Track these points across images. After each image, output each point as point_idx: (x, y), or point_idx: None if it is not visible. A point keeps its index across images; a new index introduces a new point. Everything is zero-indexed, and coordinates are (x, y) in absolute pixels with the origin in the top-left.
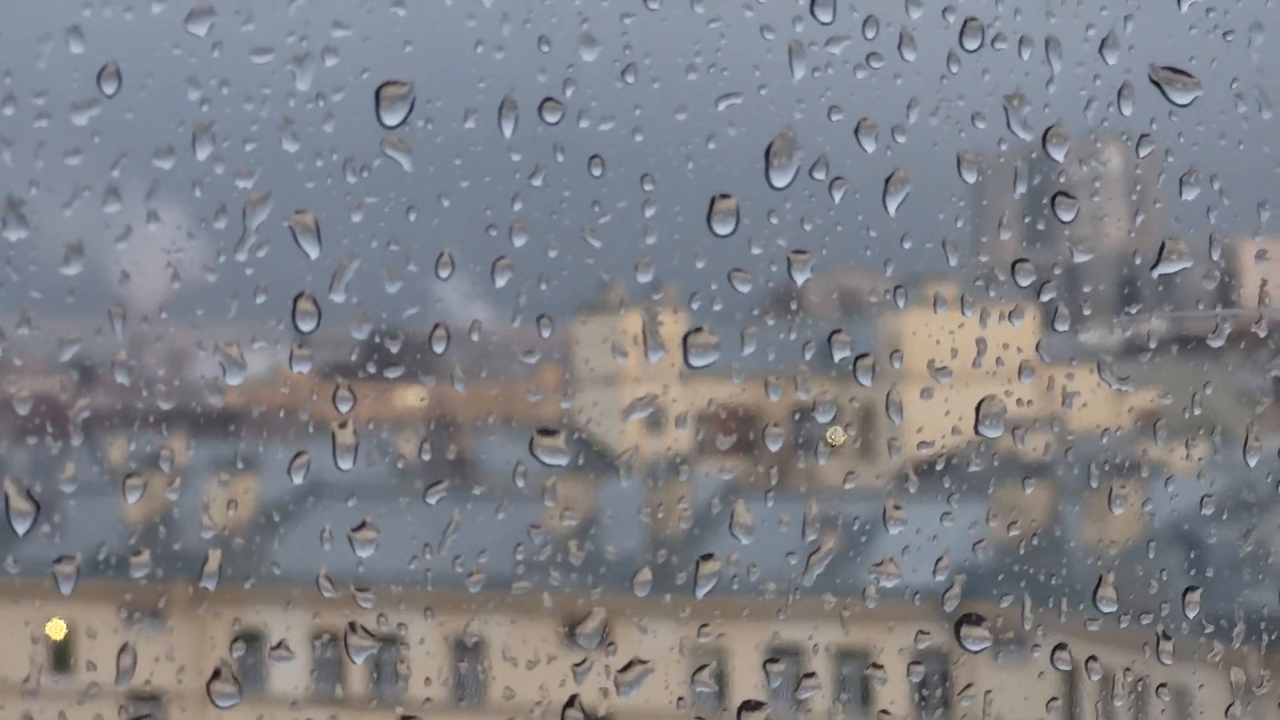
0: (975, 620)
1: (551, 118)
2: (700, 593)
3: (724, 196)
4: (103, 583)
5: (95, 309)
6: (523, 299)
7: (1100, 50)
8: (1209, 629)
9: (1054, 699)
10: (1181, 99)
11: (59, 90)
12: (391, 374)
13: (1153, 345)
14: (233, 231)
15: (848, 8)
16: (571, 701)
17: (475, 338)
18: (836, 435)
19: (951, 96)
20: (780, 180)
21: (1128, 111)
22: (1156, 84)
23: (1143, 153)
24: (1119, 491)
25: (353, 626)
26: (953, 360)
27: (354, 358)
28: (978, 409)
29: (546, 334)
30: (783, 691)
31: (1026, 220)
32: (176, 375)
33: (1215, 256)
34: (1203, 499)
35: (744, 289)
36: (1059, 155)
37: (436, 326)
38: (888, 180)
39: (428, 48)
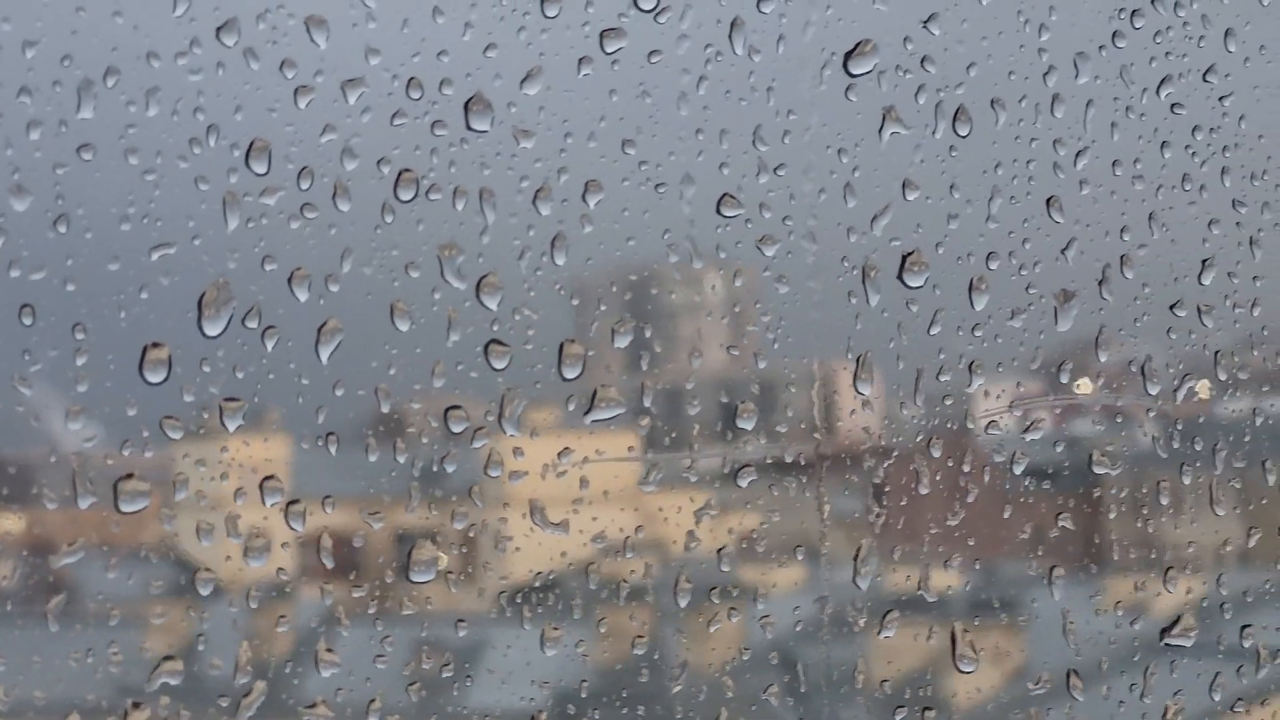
0: None
1: None
2: None
3: (156, 345)
4: None
5: None
6: None
7: (534, 201)
8: None
9: None
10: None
11: None
12: None
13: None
14: None
15: (283, 159)
16: None
17: None
18: (440, 560)
19: (386, 246)
20: (213, 329)
21: (561, 261)
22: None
23: (575, 302)
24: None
25: None
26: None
27: None
28: (410, 554)
29: None
30: None
31: (459, 367)
32: None
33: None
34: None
35: (175, 435)
36: (492, 304)
37: None
38: (320, 329)
39: None
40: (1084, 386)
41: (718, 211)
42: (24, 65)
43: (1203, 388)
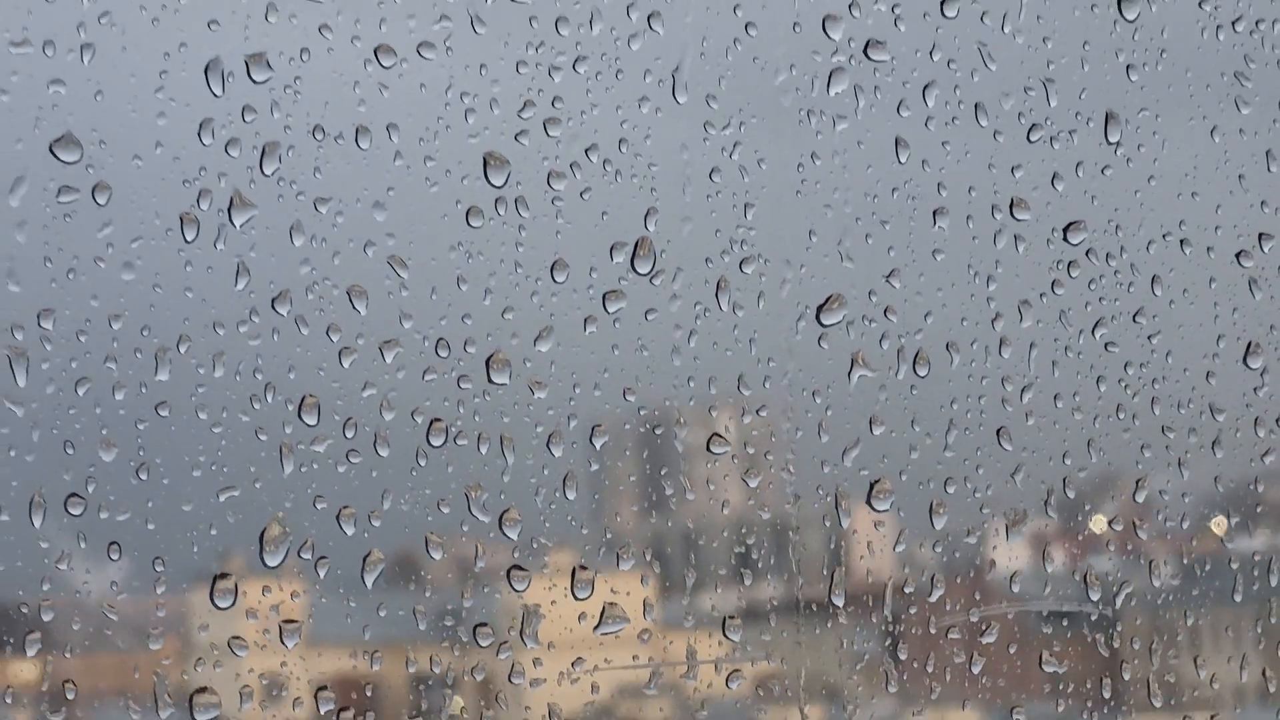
0: None
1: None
2: None
3: (224, 575)
4: None
5: None
6: None
7: (547, 445)
8: None
9: None
10: None
11: None
12: None
13: None
14: None
15: (330, 411)
16: None
17: None
18: (455, 705)
19: (420, 486)
20: (272, 560)
21: (571, 496)
22: None
23: (584, 531)
24: None
25: None
26: None
27: None
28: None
29: None
30: None
31: (485, 590)
32: None
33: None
34: None
35: (240, 653)
36: (513, 534)
37: None
38: (365, 559)
39: None
40: (1034, 594)
41: (708, 449)
42: (109, 336)
43: (1218, 525)
